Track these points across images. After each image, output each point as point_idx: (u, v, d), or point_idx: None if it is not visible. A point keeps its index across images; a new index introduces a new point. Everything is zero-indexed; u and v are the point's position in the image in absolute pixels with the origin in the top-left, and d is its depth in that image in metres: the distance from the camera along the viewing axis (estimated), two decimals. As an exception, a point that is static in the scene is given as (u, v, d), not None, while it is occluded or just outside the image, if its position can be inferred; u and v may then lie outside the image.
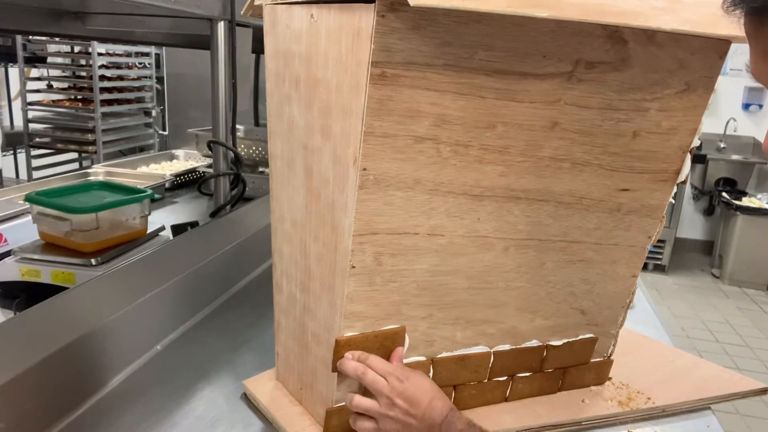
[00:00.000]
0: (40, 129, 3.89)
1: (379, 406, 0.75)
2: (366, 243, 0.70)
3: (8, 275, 1.21)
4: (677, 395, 0.99)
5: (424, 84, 0.64)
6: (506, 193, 0.77)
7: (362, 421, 0.77)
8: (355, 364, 0.76)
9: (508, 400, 0.94)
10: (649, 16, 0.65)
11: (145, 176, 2.01)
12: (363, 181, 0.66)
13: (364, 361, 0.76)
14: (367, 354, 0.76)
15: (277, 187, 0.87)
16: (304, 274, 0.83)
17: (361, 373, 0.75)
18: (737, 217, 4.15)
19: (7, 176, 4.14)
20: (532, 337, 0.91)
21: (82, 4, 1.44)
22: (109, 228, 1.29)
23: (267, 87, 0.84)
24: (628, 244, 0.91)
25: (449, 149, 0.70)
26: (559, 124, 0.75)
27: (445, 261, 0.77)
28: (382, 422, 0.75)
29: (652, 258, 4.45)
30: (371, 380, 0.75)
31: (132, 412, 0.88)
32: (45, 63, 3.88)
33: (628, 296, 0.97)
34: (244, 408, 0.91)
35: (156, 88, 4.13)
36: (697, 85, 0.82)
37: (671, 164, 0.87)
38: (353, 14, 0.63)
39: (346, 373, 0.76)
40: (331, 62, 0.68)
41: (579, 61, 0.72)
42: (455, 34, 0.63)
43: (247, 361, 1.05)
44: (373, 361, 0.76)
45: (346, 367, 0.76)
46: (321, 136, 0.73)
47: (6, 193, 1.62)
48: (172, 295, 1.13)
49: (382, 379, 0.75)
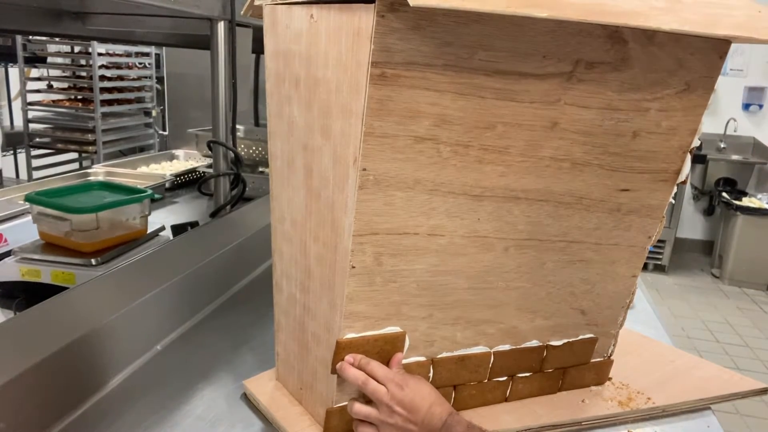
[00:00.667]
0: (40, 129, 3.89)
1: (379, 413, 0.75)
2: (366, 243, 0.70)
3: (8, 275, 1.22)
4: (677, 395, 0.99)
5: (424, 84, 0.64)
6: (506, 194, 0.77)
7: (363, 427, 0.78)
8: (356, 372, 0.76)
9: (508, 400, 0.94)
10: (649, 16, 0.65)
11: (145, 176, 2.01)
12: (363, 181, 0.66)
13: (365, 367, 0.76)
14: (368, 359, 0.77)
15: (277, 187, 0.87)
16: (304, 274, 0.83)
17: (362, 382, 0.75)
18: (737, 217, 4.15)
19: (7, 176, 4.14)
20: (532, 337, 0.91)
21: (82, 4, 1.44)
22: (109, 228, 1.29)
23: (267, 87, 0.84)
24: (628, 244, 0.91)
25: (449, 149, 0.70)
26: (559, 124, 0.75)
27: (445, 261, 0.77)
28: (382, 429, 0.76)
29: (652, 258, 4.45)
30: (372, 390, 0.75)
31: (132, 412, 0.88)
32: (45, 63, 3.89)
33: (628, 296, 0.97)
34: (244, 408, 0.91)
35: (156, 88, 4.13)
36: (697, 85, 0.82)
37: (671, 164, 0.87)
38: (353, 14, 0.63)
39: (347, 379, 0.76)
40: (331, 62, 0.68)
41: (579, 61, 0.72)
42: (455, 34, 0.63)
43: (247, 361, 1.05)
44: (373, 367, 0.76)
45: (347, 374, 0.76)
46: (321, 137, 0.73)
47: (6, 193, 1.62)
48: (172, 295, 1.13)
49: (382, 388, 0.75)
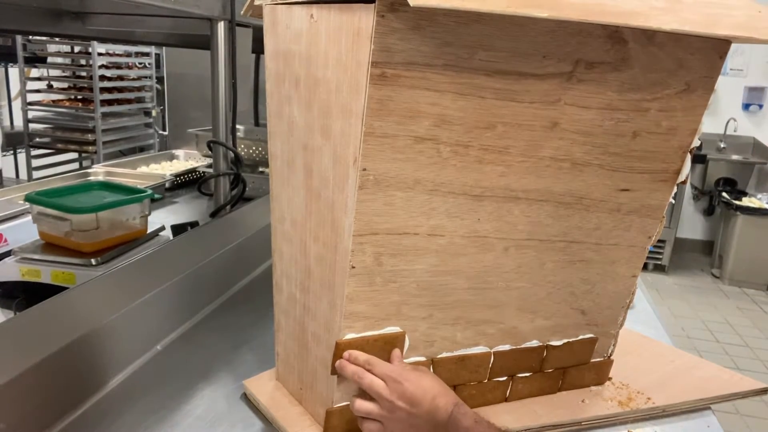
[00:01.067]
0: (40, 129, 3.89)
1: (381, 409, 0.73)
2: (366, 243, 0.70)
3: (8, 275, 1.22)
4: (677, 395, 0.99)
5: (424, 84, 0.64)
6: (506, 194, 0.77)
7: (368, 424, 0.75)
8: (354, 368, 0.75)
9: (508, 400, 0.94)
10: (649, 16, 0.65)
11: (145, 176, 2.01)
12: (363, 181, 0.66)
13: (362, 363, 0.75)
14: (367, 356, 0.76)
15: (277, 187, 0.87)
16: (304, 274, 0.83)
17: (359, 377, 0.74)
18: (737, 217, 4.15)
19: (7, 176, 4.14)
20: (532, 337, 0.91)
21: (82, 4, 1.44)
22: (109, 228, 1.29)
23: (267, 87, 0.84)
24: (628, 244, 0.91)
25: (449, 149, 0.70)
26: (559, 124, 0.75)
27: (445, 261, 0.77)
28: (387, 424, 0.74)
29: (652, 258, 4.45)
30: (368, 384, 0.73)
31: (132, 412, 0.88)
32: (45, 63, 3.89)
33: (628, 296, 0.97)
34: (244, 408, 0.91)
35: (156, 88, 4.13)
36: (697, 85, 0.82)
37: (671, 164, 0.87)
38: (353, 14, 0.63)
39: (345, 376, 0.75)
40: (331, 62, 0.68)
41: (579, 61, 0.72)
42: (455, 34, 0.63)
43: (247, 361, 1.05)
44: (372, 362, 0.75)
45: (345, 371, 0.75)
46: (321, 137, 0.73)
47: (6, 193, 1.62)
48: (172, 295, 1.13)
49: (381, 382, 0.73)
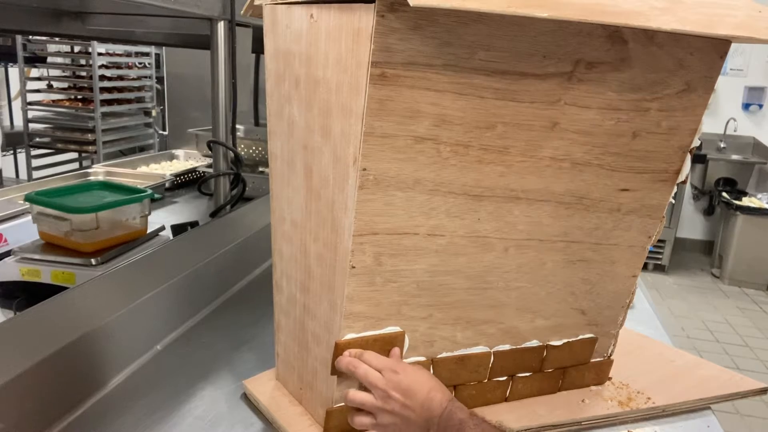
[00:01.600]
0: (40, 129, 3.89)
1: (375, 399, 0.73)
2: (366, 243, 0.70)
3: (8, 275, 1.21)
4: (677, 395, 0.99)
5: (424, 84, 0.64)
6: (506, 193, 0.77)
7: (360, 417, 0.75)
8: (349, 359, 0.74)
9: (508, 400, 0.94)
10: (649, 16, 0.65)
11: (145, 176, 2.01)
12: (363, 181, 0.66)
13: (359, 356, 0.75)
14: (363, 350, 0.76)
15: (277, 187, 0.87)
16: (304, 274, 0.83)
17: (354, 367, 0.74)
18: (737, 217, 4.15)
19: (7, 176, 4.14)
20: (532, 337, 0.91)
21: (82, 4, 1.44)
22: (109, 228, 1.29)
23: (267, 87, 0.84)
24: (628, 244, 0.91)
25: (449, 149, 0.70)
26: (559, 124, 0.75)
27: (445, 261, 0.77)
28: (379, 416, 0.73)
29: (652, 258, 4.45)
30: (364, 373, 0.73)
31: (132, 412, 0.88)
32: (45, 63, 3.88)
33: (628, 296, 0.97)
34: (244, 408, 0.91)
35: (156, 88, 4.13)
36: (697, 85, 0.82)
37: (671, 164, 0.87)
38: (353, 14, 0.63)
39: (341, 369, 0.75)
40: (331, 62, 0.68)
41: (579, 61, 0.72)
42: (455, 34, 0.63)
43: (247, 361, 1.05)
44: (368, 356, 0.75)
45: (340, 363, 0.75)
46: (321, 136, 0.73)
47: (6, 193, 1.62)
48: (172, 295, 1.13)
49: (376, 372, 0.73)
